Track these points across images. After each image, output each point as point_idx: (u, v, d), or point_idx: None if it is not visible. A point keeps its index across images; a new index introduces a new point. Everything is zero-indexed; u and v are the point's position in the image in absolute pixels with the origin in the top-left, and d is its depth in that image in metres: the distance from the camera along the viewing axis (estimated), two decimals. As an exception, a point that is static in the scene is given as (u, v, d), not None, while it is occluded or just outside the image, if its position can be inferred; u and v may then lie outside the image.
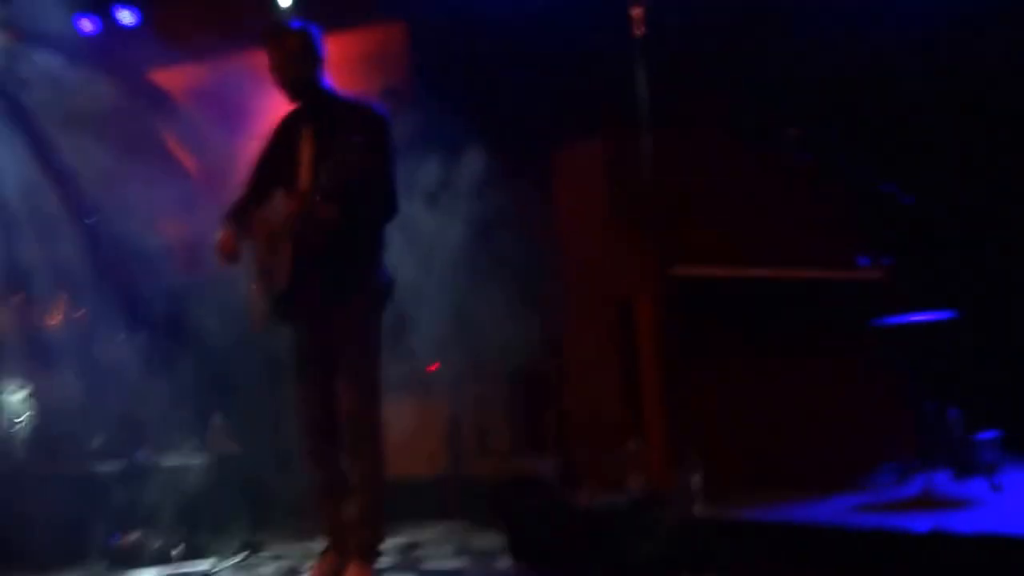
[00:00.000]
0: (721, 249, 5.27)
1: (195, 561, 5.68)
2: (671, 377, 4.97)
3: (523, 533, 5.05)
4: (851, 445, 5.24)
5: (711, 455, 4.71)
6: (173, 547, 5.76)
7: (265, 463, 6.60)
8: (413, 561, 5.31)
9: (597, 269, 5.50)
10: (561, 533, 4.87)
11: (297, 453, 5.08)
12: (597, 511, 4.88)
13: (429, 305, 6.28)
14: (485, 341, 6.38)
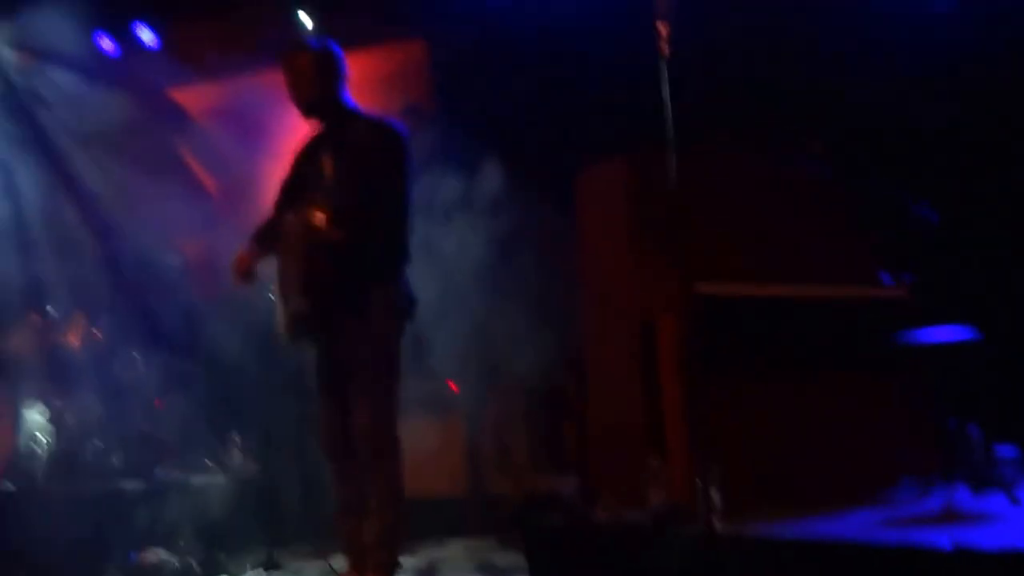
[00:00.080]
0: (744, 267, 5.27)
1: (214, 579, 5.68)
2: (693, 394, 4.96)
3: (544, 551, 5.02)
4: (872, 461, 5.23)
5: (732, 471, 4.69)
6: (192, 565, 5.75)
7: (284, 481, 6.59)
8: (434, 580, 5.31)
9: (620, 287, 5.49)
10: (582, 551, 4.85)
11: (315, 471, 5.07)
12: (618, 528, 4.86)
13: (450, 323, 6.26)
14: (506, 359, 6.38)
